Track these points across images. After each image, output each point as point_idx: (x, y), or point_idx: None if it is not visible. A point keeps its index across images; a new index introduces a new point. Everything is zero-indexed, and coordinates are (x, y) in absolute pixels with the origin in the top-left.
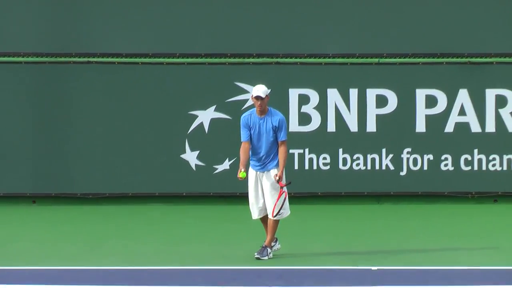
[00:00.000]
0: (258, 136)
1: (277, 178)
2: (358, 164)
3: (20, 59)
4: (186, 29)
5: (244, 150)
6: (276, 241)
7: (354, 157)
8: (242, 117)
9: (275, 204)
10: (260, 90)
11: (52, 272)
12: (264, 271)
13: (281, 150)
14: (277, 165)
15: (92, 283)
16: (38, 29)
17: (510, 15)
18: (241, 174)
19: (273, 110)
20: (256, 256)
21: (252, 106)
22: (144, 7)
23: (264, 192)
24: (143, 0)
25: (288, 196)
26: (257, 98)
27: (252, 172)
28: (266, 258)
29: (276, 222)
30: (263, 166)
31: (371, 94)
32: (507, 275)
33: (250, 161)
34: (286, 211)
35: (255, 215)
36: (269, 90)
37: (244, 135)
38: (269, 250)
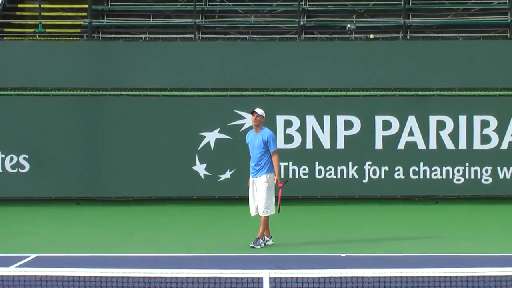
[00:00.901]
0: (252, 148)
1: (275, 181)
2: (330, 174)
3: (68, 92)
4: (196, 69)
5: None
6: (270, 238)
7: (327, 168)
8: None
9: (279, 202)
10: (256, 108)
11: (94, 258)
12: (257, 257)
13: (274, 159)
14: (267, 172)
15: (126, 266)
16: (82, 69)
17: (447, 59)
18: None
19: (265, 128)
20: (251, 245)
21: (250, 128)
22: (164, 52)
23: (256, 194)
24: (163, 47)
25: (278, 198)
26: (252, 113)
27: (250, 178)
28: (259, 247)
29: (265, 218)
30: (255, 173)
31: (340, 119)
32: (447, 261)
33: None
34: (271, 210)
35: (252, 212)
36: (264, 113)
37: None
38: (261, 240)
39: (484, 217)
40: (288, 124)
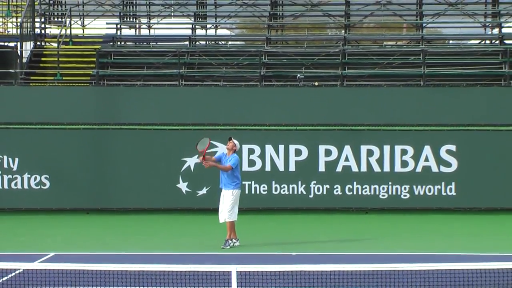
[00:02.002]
0: None
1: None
2: (284, 190)
3: (80, 126)
4: (180, 108)
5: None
6: (237, 240)
7: (282, 186)
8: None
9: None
10: (233, 138)
11: (100, 256)
12: (227, 255)
13: (227, 167)
14: (234, 188)
15: (125, 262)
16: (91, 108)
17: (374, 101)
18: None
19: (235, 154)
20: (222, 246)
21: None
22: (155, 95)
23: (222, 205)
24: (154, 91)
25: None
26: (230, 139)
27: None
28: (228, 247)
29: (230, 223)
30: (224, 186)
31: (292, 148)
32: (373, 258)
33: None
34: (233, 217)
35: (221, 220)
36: (238, 144)
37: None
38: (229, 242)
39: (403, 224)
40: (251, 151)
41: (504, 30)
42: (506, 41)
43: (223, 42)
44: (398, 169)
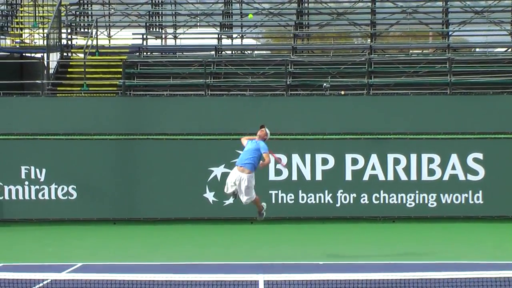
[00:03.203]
0: (248, 150)
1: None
2: (310, 199)
3: (106, 137)
4: (206, 118)
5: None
6: (263, 209)
7: (308, 195)
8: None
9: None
10: (265, 127)
11: (127, 266)
12: (253, 265)
13: (265, 156)
14: (251, 169)
15: (153, 272)
16: (117, 119)
17: (401, 110)
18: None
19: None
20: (258, 218)
21: None
22: (181, 105)
23: (241, 184)
24: (180, 101)
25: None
26: (262, 126)
27: (236, 168)
28: (262, 217)
29: (254, 200)
30: (245, 165)
31: (318, 157)
32: (403, 267)
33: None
34: (252, 196)
35: (228, 190)
36: (269, 134)
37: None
38: (262, 212)
39: (430, 233)
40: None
41: None
42: None
43: (249, 52)
44: (425, 178)
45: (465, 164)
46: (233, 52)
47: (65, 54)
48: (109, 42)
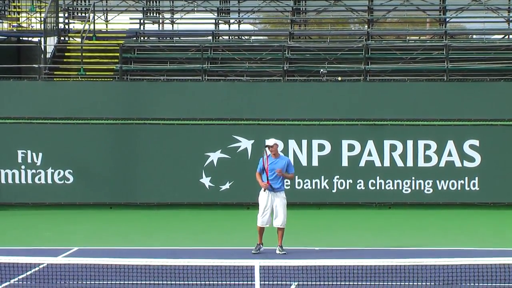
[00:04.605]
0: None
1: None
2: (306, 185)
3: (103, 121)
4: (203, 103)
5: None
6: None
7: (305, 181)
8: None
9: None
10: (270, 140)
11: (123, 250)
12: (249, 250)
13: (291, 175)
14: (283, 189)
15: (149, 256)
16: (114, 103)
17: (397, 96)
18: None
19: (282, 155)
20: (282, 253)
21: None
22: (178, 90)
23: (276, 208)
24: (177, 86)
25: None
26: (267, 146)
27: (265, 193)
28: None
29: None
30: (276, 190)
31: (315, 143)
32: (398, 252)
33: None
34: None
35: (264, 223)
36: (277, 141)
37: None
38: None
39: (426, 219)
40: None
41: None
42: None
43: (246, 37)
44: (421, 164)
45: (462, 150)
46: (230, 37)
47: (62, 38)
48: (106, 27)
